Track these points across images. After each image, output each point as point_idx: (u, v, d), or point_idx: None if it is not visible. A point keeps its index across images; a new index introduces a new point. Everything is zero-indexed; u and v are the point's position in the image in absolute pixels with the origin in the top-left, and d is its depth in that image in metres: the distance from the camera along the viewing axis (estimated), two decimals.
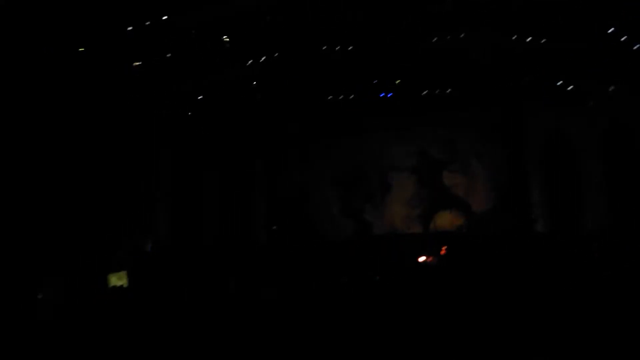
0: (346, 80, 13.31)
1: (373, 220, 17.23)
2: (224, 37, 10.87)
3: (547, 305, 5.49)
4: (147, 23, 9.94)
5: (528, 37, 10.59)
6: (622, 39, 10.08)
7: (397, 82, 13.29)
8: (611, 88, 12.57)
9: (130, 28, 10.00)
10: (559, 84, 12.85)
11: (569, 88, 12.97)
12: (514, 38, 10.64)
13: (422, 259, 9.62)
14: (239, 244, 14.68)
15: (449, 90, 14.03)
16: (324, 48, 11.38)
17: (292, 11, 9.71)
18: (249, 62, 11.98)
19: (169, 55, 11.22)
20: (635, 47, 10.23)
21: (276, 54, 11.58)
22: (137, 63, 11.21)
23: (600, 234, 13.24)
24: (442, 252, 9.69)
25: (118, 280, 7.55)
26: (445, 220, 16.83)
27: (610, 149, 13.67)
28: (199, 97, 13.34)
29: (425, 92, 14.13)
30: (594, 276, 7.50)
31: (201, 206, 14.75)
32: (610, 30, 10.03)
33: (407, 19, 10.06)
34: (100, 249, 10.09)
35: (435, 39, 11.04)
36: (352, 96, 14.28)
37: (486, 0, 9.19)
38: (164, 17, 9.82)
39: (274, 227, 16.06)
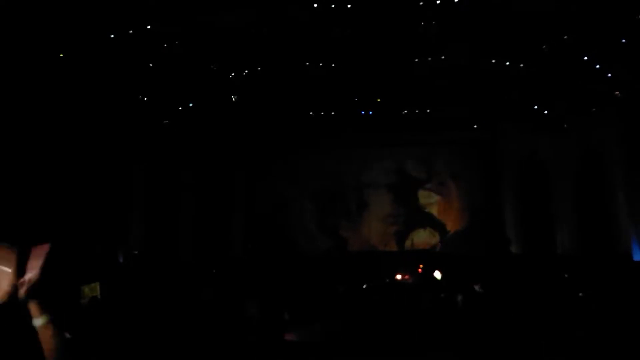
0: (327, 97, 13.39)
1: (349, 236, 17.27)
2: (208, 49, 10.85)
3: (518, 324, 5.55)
4: (130, 31, 9.88)
5: (507, 61, 10.84)
6: (597, 67, 10.41)
7: (378, 100, 13.42)
8: (586, 114, 12.95)
9: (112, 35, 9.92)
10: (535, 108, 13.16)
11: (545, 112, 13.29)
12: (493, 61, 10.88)
13: (399, 276, 9.65)
14: (216, 257, 14.50)
15: (428, 110, 14.23)
16: (307, 64, 11.44)
17: (278, 26, 9.76)
18: (231, 74, 11.97)
19: (150, 64, 11.14)
20: (609, 75, 10.58)
21: (259, 68, 11.59)
22: (116, 70, 11.10)
23: (570, 256, 13.54)
24: (419, 271, 9.74)
25: (91, 291, 7.36)
26: (421, 238, 16.98)
27: (583, 174, 14.04)
28: (179, 108, 13.24)
29: (404, 112, 14.30)
30: (564, 297, 7.63)
31: (177, 218, 14.55)
32: (585, 58, 10.36)
33: (390, 39, 10.20)
34: (72, 259, 9.84)
35: (416, 59, 11.22)
36: (333, 112, 14.36)
37: (469, 23, 9.38)
38: (148, 27, 9.78)
39: (250, 245, 15.92)
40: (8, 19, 8.24)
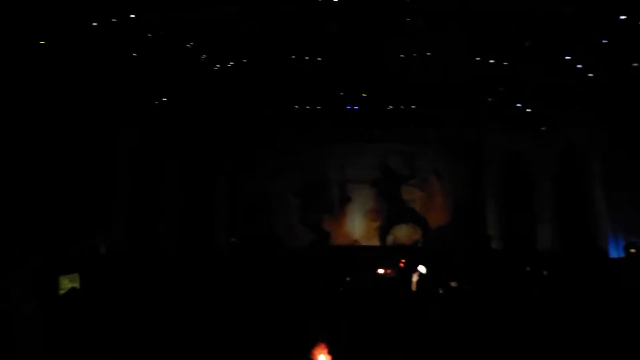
0: (312, 91, 13.37)
1: (332, 230, 17.33)
2: (192, 41, 10.75)
3: (495, 320, 5.62)
4: (114, 20, 9.73)
5: (491, 59, 10.94)
6: (578, 67, 10.55)
7: (363, 95, 13.44)
8: (567, 114, 13.13)
9: (95, 24, 9.77)
10: (518, 106, 13.30)
11: (527, 110, 13.44)
12: (477, 59, 10.96)
13: (381, 271, 9.71)
14: (199, 250, 14.44)
15: (413, 107, 14.30)
16: (292, 57, 11.41)
17: (264, 19, 9.70)
18: (216, 66, 11.88)
19: (134, 54, 11.00)
20: (589, 75, 10.73)
21: (245, 60, 11.52)
22: (100, 60, 10.95)
23: (550, 252, 13.77)
24: (401, 265, 9.82)
25: (70, 282, 7.28)
26: (403, 233, 17.12)
27: (563, 173, 14.28)
28: (163, 99, 13.12)
29: (389, 108, 14.35)
30: (543, 293, 7.75)
31: (160, 210, 14.44)
32: (566, 58, 10.49)
33: (377, 35, 10.21)
34: (51, 249, 9.72)
35: (402, 55, 11.25)
36: (318, 107, 14.35)
37: (454, 20, 9.44)
38: (132, 15, 9.64)
39: (233, 239, 15.85)
40: None
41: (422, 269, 7.74)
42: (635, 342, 4.51)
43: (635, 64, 10.01)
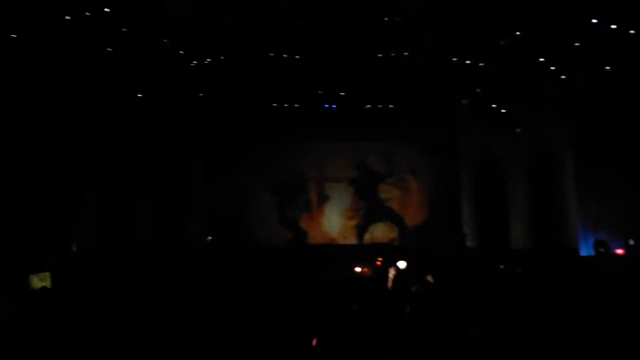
0: (291, 89, 13.34)
1: (309, 228, 17.32)
2: (168, 36, 10.63)
3: (470, 314, 5.68)
4: (87, 13, 9.55)
5: (467, 60, 11.06)
6: (552, 69, 10.75)
7: (341, 94, 13.46)
8: (541, 115, 13.37)
9: (68, 17, 9.57)
10: (493, 106, 13.48)
11: (502, 111, 13.63)
12: (454, 59, 11.08)
13: (358, 269, 9.73)
14: (173, 250, 14.29)
15: (390, 106, 14.37)
16: (270, 55, 11.36)
17: (243, 16, 9.64)
18: (193, 62, 11.77)
19: (108, 49, 10.83)
20: (562, 77, 10.94)
21: (222, 57, 11.43)
22: (73, 54, 10.74)
23: (522, 250, 14.01)
24: (378, 264, 9.85)
25: (40, 281, 7.12)
26: (380, 232, 17.20)
27: (536, 172, 14.55)
28: (138, 95, 12.92)
29: (367, 106, 14.40)
30: (516, 289, 7.86)
31: (134, 208, 14.23)
32: (540, 60, 10.68)
33: (355, 33, 10.24)
34: (20, 247, 9.52)
35: (379, 55, 11.30)
36: (296, 105, 14.32)
37: (431, 21, 9.53)
38: (106, 9, 9.48)
39: (209, 238, 15.67)
40: None
41: (401, 264, 7.77)
42: (605, 339, 4.61)
43: (607, 67, 10.25)
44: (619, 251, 10.96)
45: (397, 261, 8.02)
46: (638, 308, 5.21)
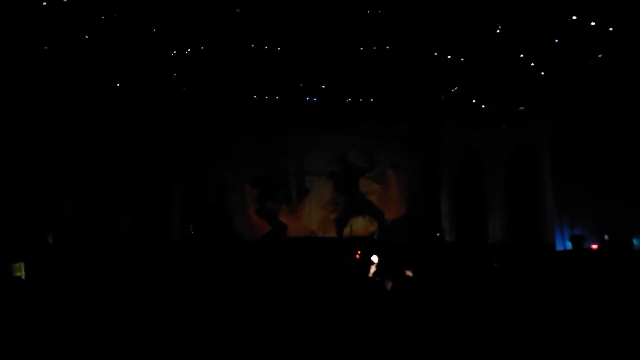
0: (271, 81, 13.25)
1: (289, 222, 17.32)
2: (147, 26, 10.45)
3: (446, 308, 5.73)
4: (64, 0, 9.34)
5: (449, 55, 11.12)
6: (532, 65, 10.87)
7: (323, 87, 13.43)
8: (519, 112, 13.53)
9: (44, 3, 9.35)
10: (473, 102, 13.59)
11: (482, 107, 13.75)
12: (435, 54, 11.13)
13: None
14: (153, 241, 14.14)
15: (372, 100, 14.39)
16: (252, 46, 11.26)
17: (224, 8, 9.54)
18: (173, 52, 11.61)
19: (86, 37, 10.61)
20: (542, 74, 11.07)
21: (202, 48, 11.30)
22: (51, 45, 10.51)
23: (500, 245, 14.20)
24: (357, 257, 9.91)
25: (15, 271, 6.99)
26: (360, 226, 17.29)
27: (515, 168, 14.75)
28: (117, 85, 12.72)
29: (348, 100, 14.39)
30: (493, 284, 7.96)
31: (113, 199, 14.03)
32: (521, 56, 10.79)
33: (337, 26, 10.20)
34: None
35: (361, 48, 11.29)
36: (277, 97, 14.24)
37: (415, 15, 9.55)
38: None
39: (191, 229, 15.53)
40: None
41: (374, 258, 7.86)
42: (579, 332, 4.69)
43: (590, 62, 10.38)
44: (594, 246, 11.16)
45: (371, 255, 8.11)
46: (612, 303, 5.32)
